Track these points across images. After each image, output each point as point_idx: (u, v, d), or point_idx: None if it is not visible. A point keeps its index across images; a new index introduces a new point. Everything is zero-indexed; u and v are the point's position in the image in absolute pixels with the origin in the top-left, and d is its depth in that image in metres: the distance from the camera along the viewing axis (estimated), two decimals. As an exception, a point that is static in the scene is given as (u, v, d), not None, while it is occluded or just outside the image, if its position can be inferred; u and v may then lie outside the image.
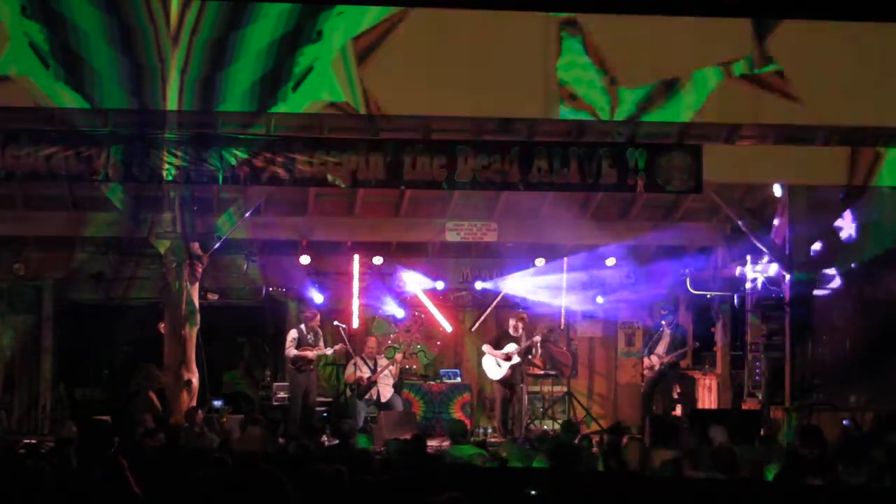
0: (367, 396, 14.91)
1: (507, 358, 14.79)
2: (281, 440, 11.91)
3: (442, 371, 16.36)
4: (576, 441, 10.82)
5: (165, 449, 8.96)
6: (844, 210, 13.98)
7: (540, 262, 16.17)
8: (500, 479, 8.26)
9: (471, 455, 9.92)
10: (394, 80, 11.73)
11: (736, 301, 15.71)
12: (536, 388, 16.57)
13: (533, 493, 7.07)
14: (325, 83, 11.67)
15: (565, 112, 12.21)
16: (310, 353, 14.69)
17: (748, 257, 14.97)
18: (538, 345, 14.98)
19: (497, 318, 16.28)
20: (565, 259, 16.18)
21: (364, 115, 11.84)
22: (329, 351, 14.85)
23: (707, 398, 15.91)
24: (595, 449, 10.45)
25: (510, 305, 16.09)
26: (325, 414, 15.10)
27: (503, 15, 12.08)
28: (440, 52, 11.86)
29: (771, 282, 14.57)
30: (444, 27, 11.95)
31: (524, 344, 14.84)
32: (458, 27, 12.00)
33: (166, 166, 11.83)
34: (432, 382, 16.07)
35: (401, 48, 11.67)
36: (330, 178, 12.16)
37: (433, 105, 12.13)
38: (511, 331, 15.08)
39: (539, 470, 9.00)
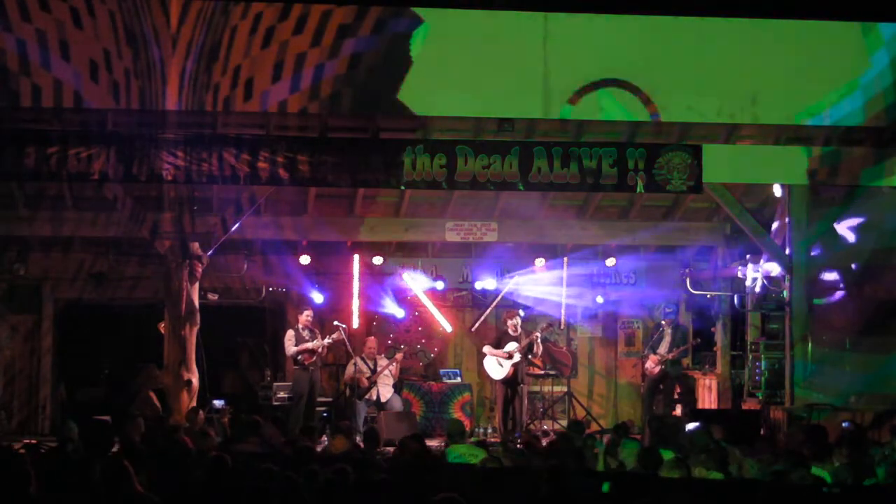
0: (366, 396, 14.90)
1: (509, 356, 14.79)
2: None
3: (442, 371, 16.35)
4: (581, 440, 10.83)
5: (165, 449, 8.95)
6: (844, 210, 13.99)
7: (540, 262, 16.18)
8: (500, 479, 8.26)
9: (468, 454, 9.92)
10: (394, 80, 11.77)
11: (736, 301, 15.71)
12: (536, 388, 16.58)
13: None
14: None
15: (565, 112, 12.24)
16: (310, 345, 14.69)
17: (748, 257, 14.97)
18: (538, 341, 14.97)
19: (497, 318, 16.28)
20: (565, 259, 16.19)
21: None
22: (327, 340, 14.83)
23: (707, 398, 15.91)
24: (596, 449, 10.45)
25: (510, 305, 16.08)
26: (325, 414, 15.09)
27: (503, 15, 12.10)
28: (439, 52, 11.87)
29: (771, 282, 14.56)
30: (444, 27, 11.96)
31: (524, 341, 14.84)
32: (458, 27, 12.03)
33: (166, 166, 11.83)
34: (432, 382, 16.07)
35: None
36: (330, 178, 12.16)
37: (433, 105, 12.17)
38: (510, 330, 15.08)
39: (539, 469, 8.99)
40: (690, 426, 10.80)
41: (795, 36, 12.45)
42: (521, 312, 15.45)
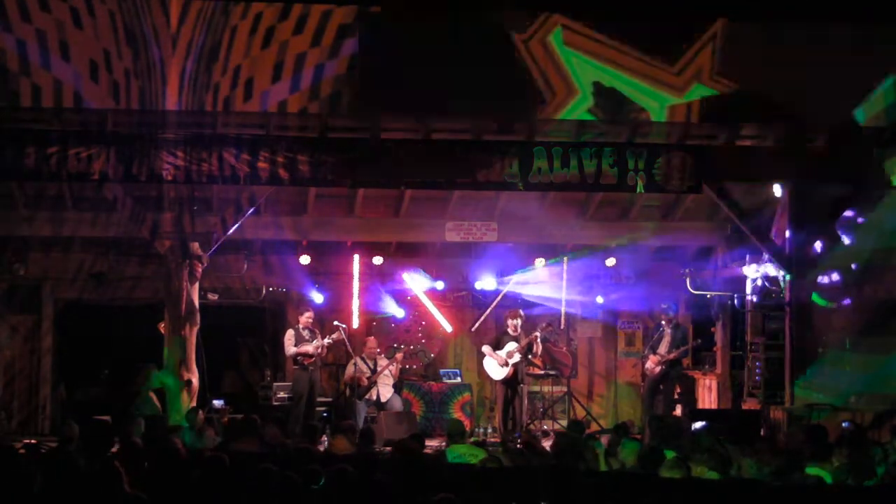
0: (366, 396, 14.91)
1: (508, 357, 14.79)
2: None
3: (442, 371, 16.36)
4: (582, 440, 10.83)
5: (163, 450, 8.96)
6: (844, 210, 13.98)
7: (540, 262, 16.17)
8: (499, 479, 8.26)
9: (468, 454, 9.93)
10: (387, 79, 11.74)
11: (736, 301, 15.70)
12: (536, 388, 16.58)
13: None
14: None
15: (565, 113, 12.24)
16: (309, 348, 14.70)
17: (748, 257, 14.97)
18: (538, 340, 14.97)
19: (497, 319, 16.27)
20: (565, 259, 16.18)
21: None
22: (327, 341, 14.84)
23: (707, 398, 15.91)
24: (597, 450, 10.45)
25: (510, 305, 16.08)
26: (325, 414, 15.10)
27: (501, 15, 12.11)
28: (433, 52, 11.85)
29: (771, 282, 14.56)
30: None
31: (524, 341, 14.84)
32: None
33: (166, 166, 11.84)
34: (432, 382, 16.07)
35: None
36: (330, 178, 12.17)
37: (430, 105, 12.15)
38: (510, 330, 15.08)
39: (539, 470, 9.00)
40: (697, 425, 10.79)
41: (796, 36, 12.45)
42: (521, 313, 15.44)
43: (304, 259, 15.55)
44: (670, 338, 15.23)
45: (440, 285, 16.41)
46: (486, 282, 16.35)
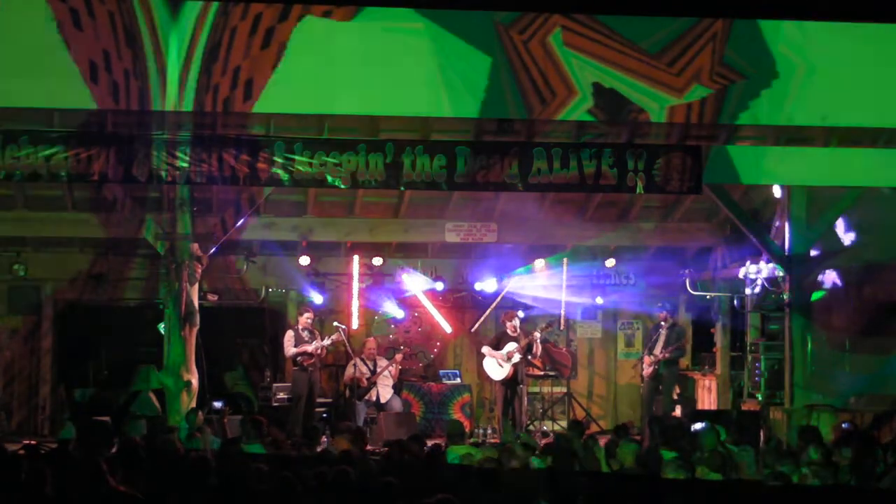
0: (366, 397, 14.90)
1: (508, 358, 14.79)
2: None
3: (441, 372, 16.35)
4: (582, 441, 10.84)
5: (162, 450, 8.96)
6: (844, 210, 13.98)
7: (539, 262, 16.17)
8: (498, 479, 8.25)
9: (467, 455, 9.93)
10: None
11: (736, 302, 15.70)
12: (536, 389, 16.58)
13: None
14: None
15: (564, 114, 12.20)
16: (309, 347, 14.69)
17: (748, 258, 14.97)
18: (538, 341, 14.97)
19: (497, 320, 16.27)
20: (565, 260, 16.18)
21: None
22: (327, 342, 14.83)
23: (707, 399, 15.92)
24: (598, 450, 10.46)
25: (510, 306, 16.08)
26: (324, 415, 15.09)
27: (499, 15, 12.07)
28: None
29: (771, 282, 14.57)
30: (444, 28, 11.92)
31: (524, 341, 14.84)
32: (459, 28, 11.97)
33: (165, 167, 11.83)
34: (432, 383, 16.06)
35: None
36: (329, 178, 12.16)
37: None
38: (509, 331, 15.08)
39: (538, 470, 9.00)
40: (697, 426, 10.78)
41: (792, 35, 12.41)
42: (521, 313, 15.44)
43: (304, 260, 15.54)
44: (665, 338, 15.24)
45: (440, 286, 16.40)
46: (485, 282, 16.34)
